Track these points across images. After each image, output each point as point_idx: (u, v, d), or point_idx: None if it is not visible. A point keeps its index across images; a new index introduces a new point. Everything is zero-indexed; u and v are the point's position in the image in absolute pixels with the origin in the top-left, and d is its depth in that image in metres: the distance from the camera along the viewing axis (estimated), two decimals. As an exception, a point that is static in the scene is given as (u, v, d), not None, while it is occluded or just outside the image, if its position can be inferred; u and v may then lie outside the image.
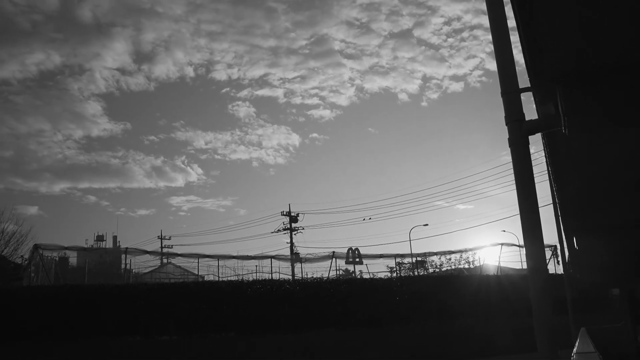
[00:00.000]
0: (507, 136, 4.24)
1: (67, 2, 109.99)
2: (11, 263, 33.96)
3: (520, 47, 3.55)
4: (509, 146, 4.21)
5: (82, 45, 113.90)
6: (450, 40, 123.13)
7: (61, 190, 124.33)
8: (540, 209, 4.13)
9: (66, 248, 31.02)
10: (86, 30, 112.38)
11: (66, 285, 24.22)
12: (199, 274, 33.30)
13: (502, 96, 4.32)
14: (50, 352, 19.86)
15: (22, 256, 36.16)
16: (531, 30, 3.12)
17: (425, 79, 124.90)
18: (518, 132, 4.17)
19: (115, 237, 76.48)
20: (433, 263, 38.42)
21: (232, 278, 30.36)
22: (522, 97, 4.34)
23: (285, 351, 20.84)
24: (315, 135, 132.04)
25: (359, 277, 35.22)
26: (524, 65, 3.91)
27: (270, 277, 30.33)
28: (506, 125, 4.27)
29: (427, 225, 51.64)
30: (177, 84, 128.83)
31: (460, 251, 37.53)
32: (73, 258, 36.42)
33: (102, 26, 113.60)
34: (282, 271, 34.68)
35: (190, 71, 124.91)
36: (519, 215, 4.07)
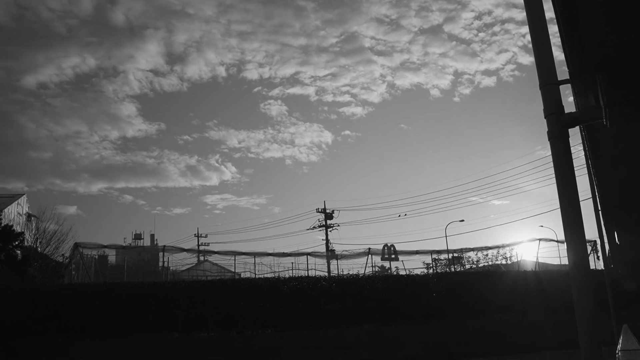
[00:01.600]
0: (543, 130, 4.16)
1: (101, 6, 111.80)
2: (53, 261, 34.69)
3: (556, 41, 3.48)
4: (548, 140, 4.13)
5: (116, 48, 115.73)
6: (482, 34, 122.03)
7: (99, 190, 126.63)
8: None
9: (105, 246, 31.55)
10: (120, 34, 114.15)
11: (106, 283, 24.65)
12: (236, 271, 33.54)
13: (540, 89, 4.23)
14: (90, 349, 20.22)
15: (62, 254, 36.96)
16: (571, 20, 3.06)
17: (457, 74, 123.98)
18: (557, 125, 4.09)
19: (152, 236, 77.55)
20: (470, 259, 38.16)
21: (269, 275, 30.55)
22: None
23: (323, 347, 20.87)
24: (347, 132, 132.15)
25: (395, 273, 35.11)
26: (560, 60, 3.84)
27: (306, 274, 30.39)
28: (545, 118, 4.18)
29: (463, 221, 51.08)
30: (209, 84, 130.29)
31: (497, 247, 37.21)
32: (112, 256, 37.05)
33: (134, 29, 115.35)
34: (317, 268, 34.80)
35: (222, 71, 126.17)
36: (557, 210, 4.02)
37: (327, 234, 54.41)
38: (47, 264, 33.35)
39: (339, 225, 56.10)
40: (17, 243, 28.64)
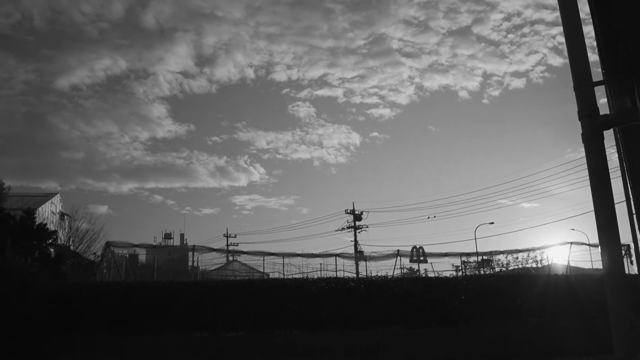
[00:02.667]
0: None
1: (132, 9, 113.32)
2: (85, 259, 35.19)
3: (589, 42, 3.43)
4: (583, 142, 4.08)
5: (146, 50, 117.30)
6: (511, 36, 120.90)
7: (129, 190, 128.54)
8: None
9: (136, 245, 31.86)
10: (150, 36, 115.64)
11: (136, 281, 24.92)
12: (265, 271, 33.62)
13: (574, 91, 4.17)
14: (121, 346, 20.47)
15: (94, 253, 37.50)
16: (607, 20, 3.02)
17: (486, 76, 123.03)
18: (592, 127, 4.04)
19: (182, 235, 78.36)
20: (499, 262, 37.78)
21: (297, 276, 30.56)
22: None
23: (350, 348, 20.85)
24: (375, 134, 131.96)
25: (423, 275, 34.92)
26: (593, 61, 3.79)
27: (335, 276, 30.37)
28: (579, 120, 4.14)
29: (492, 223, 50.62)
30: (238, 86, 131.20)
31: (528, 250, 36.76)
32: (142, 255, 37.48)
33: (165, 31, 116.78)
34: (346, 269, 34.74)
35: (250, 73, 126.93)
36: (588, 214, 3.99)
37: (355, 235, 54.35)
38: (79, 262, 33.85)
39: (367, 227, 55.96)
40: (50, 241, 29.13)
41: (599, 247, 3.98)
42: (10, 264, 21.97)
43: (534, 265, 36.46)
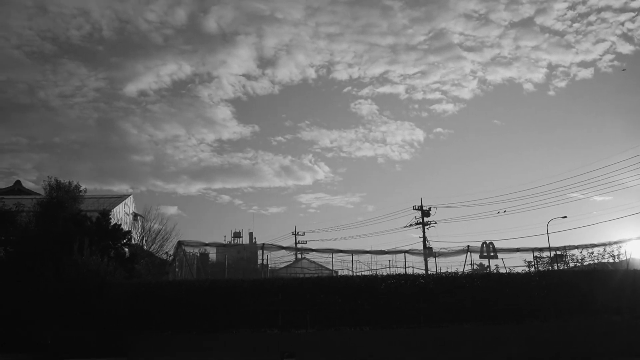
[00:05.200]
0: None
1: (195, 16, 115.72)
2: (158, 259, 36.07)
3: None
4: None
5: (209, 55, 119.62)
6: (576, 25, 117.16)
7: (197, 190, 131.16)
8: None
9: (207, 244, 32.49)
10: (212, 41, 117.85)
11: (208, 279, 25.40)
12: (333, 268, 33.65)
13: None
14: (194, 342, 20.95)
15: (166, 252, 38.39)
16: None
17: (551, 67, 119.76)
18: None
19: (251, 234, 79.18)
20: (574, 257, 36.64)
21: (366, 273, 30.50)
22: None
23: (421, 346, 20.63)
24: (439, 129, 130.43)
25: (494, 271, 34.24)
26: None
27: (404, 272, 30.15)
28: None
29: (565, 217, 48.93)
30: (300, 86, 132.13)
31: (604, 244, 35.49)
32: (212, 254, 38.10)
33: (226, 35, 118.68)
34: (415, 266, 34.44)
35: (312, 73, 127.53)
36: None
37: (424, 231, 53.65)
38: (152, 261, 34.69)
39: (436, 223, 55.19)
40: (125, 241, 29.99)
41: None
42: (89, 263, 22.83)
43: (611, 260, 35.20)
